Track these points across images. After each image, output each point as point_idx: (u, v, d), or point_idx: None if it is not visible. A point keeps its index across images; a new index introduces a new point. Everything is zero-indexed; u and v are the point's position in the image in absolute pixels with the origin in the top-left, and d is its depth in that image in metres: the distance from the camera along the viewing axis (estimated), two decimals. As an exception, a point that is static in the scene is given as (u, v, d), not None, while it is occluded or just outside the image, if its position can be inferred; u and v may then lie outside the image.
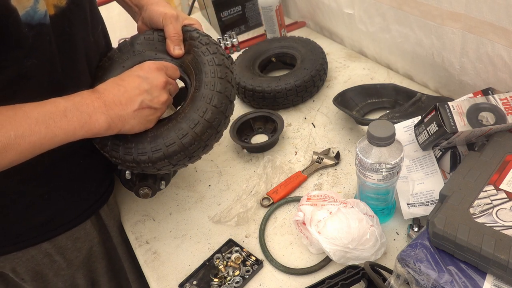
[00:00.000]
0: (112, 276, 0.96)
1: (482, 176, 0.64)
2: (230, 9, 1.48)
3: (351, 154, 0.95)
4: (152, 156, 0.68)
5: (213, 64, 0.71)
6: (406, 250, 0.62)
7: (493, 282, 0.56)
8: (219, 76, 0.70)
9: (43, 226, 0.77)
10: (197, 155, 0.71)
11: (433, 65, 0.99)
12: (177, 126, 0.68)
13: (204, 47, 0.73)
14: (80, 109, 0.60)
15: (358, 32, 1.19)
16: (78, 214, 0.81)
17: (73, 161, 0.77)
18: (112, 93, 0.64)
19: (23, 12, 0.58)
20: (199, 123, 0.67)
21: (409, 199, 0.75)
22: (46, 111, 0.57)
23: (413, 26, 0.97)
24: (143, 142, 0.68)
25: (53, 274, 0.84)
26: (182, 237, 0.85)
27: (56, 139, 0.58)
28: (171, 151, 0.67)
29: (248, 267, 0.75)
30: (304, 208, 0.73)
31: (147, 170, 0.71)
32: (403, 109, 1.00)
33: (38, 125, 0.55)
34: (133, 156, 0.68)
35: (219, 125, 0.69)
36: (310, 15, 1.43)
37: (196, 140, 0.68)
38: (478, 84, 0.89)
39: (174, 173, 0.91)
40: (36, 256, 0.79)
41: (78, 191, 0.80)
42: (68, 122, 0.58)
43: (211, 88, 0.69)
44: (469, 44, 0.86)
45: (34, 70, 0.63)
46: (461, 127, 0.66)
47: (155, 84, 0.67)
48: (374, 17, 1.08)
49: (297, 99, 1.11)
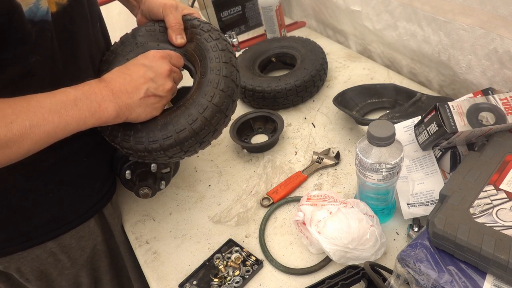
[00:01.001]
0: (115, 275, 0.96)
1: (482, 176, 0.64)
2: (230, 9, 1.48)
3: (351, 154, 0.95)
4: (163, 143, 0.68)
5: (217, 50, 0.72)
6: (406, 250, 0.62)
7: (493, 282, 0.56)
8: (224, 61, 0.71)
9: (48, 225, 0.78)
10: (207, 140, 0.71)
11: (439, 63, 0.99)
12: (186, 112, 0.69)
13: (206, 33, 0.74)
14: (89, 98, 0.61)
15: (364, 29, 1.19)
16: (82, 212, 0.81)
17: (76, 159, 0.77)
18: (118, 82, 0.65)
19: (26, 8, 0.58)
20: (208, 108, 0.68)
21: (409, 199, 0.75)
22: (58, 100, 0.58)
23: (421, 23, 0.98)
24: (153, 130, 0.69)
25: (57, 274, 0.84)
26: (182, 237, 0.85)
27: (68, 128, 0.59)
28: (182, 137, 0.68)
29: (248, 267, 0.75)
30: (304, 208, 0.73)
31: (159, 158, 0.71)
32: (403, 109, 1.00)
33: (51, 114, 0.57)
34: (144, 145, 0.69)
35: (227, 109, 0.70)
36: (314, 12, 1.43)
37: (206, 125, 0.68)
38: (482, 83, 0.90)
39: (174, 173, 0.91)
40: (41, 255, 0.80)
41: (82, 190, 0.80)
42: (79, 111, 0.59)
43: (217, 73, 0.70)
44: (478, 40, 0.86)
45: (38, 66, 0.63)
46: (461, 127, 0.66)
47: (160, 72, 0.68)
48: (382, 14, 1.09)
49: (297, 99, 1.11)
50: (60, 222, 0.79)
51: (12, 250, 0.77)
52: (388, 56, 1.18)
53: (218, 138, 1.07)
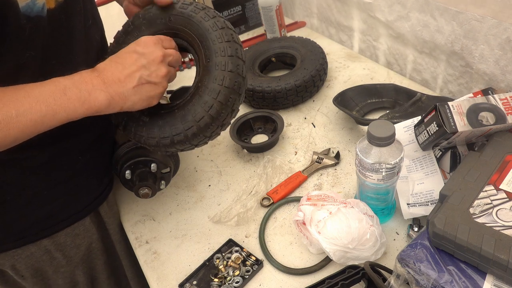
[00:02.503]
0: (111, 273, 0.96)
1: (482, 176, 0.64)
2: (230, 9, 1.48)
3: (351, 154, 0.95)
4: (187, 134, 0.70)
5: (217, 29, 0.71)
6: (406, 250, 0.62)
7: (493, 282, 0.56)
8: (226, 40, 0.70)
9: (43, 223, 0.78)
10: (227, 122, 0.73)
11: (451, 54, 1.00)
12: (201, 100, 0.69)
13: (202, 12, 0.72)
14: (79, 87, 0.61)
15: (374, 22, 1.20)
16: (78, 210, 0.82)
17: (71, 156, 0.77)
18: (110, 71, 0.65)
19: (23, 4, 0.59)
20: (221, 92, 0.69)
21: (409, 199, 0.75)
22: (47, 89, 0.59)
23: (434, 13, 0.99)
24: (175, 124, 0.70)
25: (53, 271, 0.84)
26: (182, 237, 0.85)
27: (57, 117, 0.59)
28: (203, 125, 0.70)
29: (248, 267, 0.75)
30: (304, 208, 0.73)
31: (185, 148, 0.74)
32: (403, 109, 1.00)
33: (39, 103, 0.57)
34: (169, 139, 0.71)
35: (239, 88, 0.71)
36: (319, 10, 1.43)
37: (223, 108, 0.70)
38: (495, 72, 0.91)
39: (174, 173, 0.91)
40: (36, 253, 0.80)
41: (77, 188, 0.80)
42: (68, 100, 0.59)
43: (222, 55, 0.70)
44: (491, 30, 0.87)
45: (31, 62, 0.64)
46: (461, 127, 0.66)
47: (152, 59, 0.67)
48: (394, 5, 1.10)
49: (297, 99, 1.11)
50: (55, 220, 0.79)
51: (7, 247, 0.77)
52: (394, 52, 1.18)
53: (218, 138, 1.07)
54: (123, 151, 0.83)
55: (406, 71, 1.18)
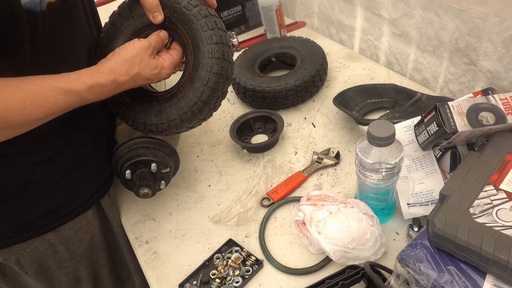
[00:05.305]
0: (113, 267, 0.97)
1: (482, 176, 0.64)
2: (230, 9, 1.48)
3: (351, 154, 0.95)
4: (183, 118, 0.77)
5: (200, 18, 0.74)
6: (406, 250, 0.62)
7: (493, 282, 0.56)
8: (211, 28, 0.74)
9: (48, 216, 0.79)
10: (219, 104, 0.79)
11: (455, 51, 1.01)
12: (192, 88, 0.75)
13: (194, 9, 0.74)
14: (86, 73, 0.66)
15: (378, 20, 1.20)
16: (80, 203, 0.82)
17: (75, 150, 0.78)
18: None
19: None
20: (210, 79, 0.74)
21: (409, 199, 0.75)
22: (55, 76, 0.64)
23: (438, 11, 1.00)
24: (171, 111, 0.77)
25: (56, 266, 0.85)
26: (182, 237, 0.85)
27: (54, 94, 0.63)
28: (196, 110, 0.76)
29: (248, 267, 0.75)
30: (304, 208, 0.73)
31: (182, 130, 0.81)
32: (403, 109, 1.00)
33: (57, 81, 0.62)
34: (166, 124, 0.78)
35: (227, 72, 0.76)
36: (320, 9, 1.43)
37: (214, 93, 0.75)
38: (498, 69, 0.92)
39: (174, 173, 0.91)
40: (40, 247, 0.80)
41: (80, 181, 0.81)
42: (79, 76, 0.65)
43: (208, 42, 0.74)
44: (493, 28, 0.88)
45: (33, 57, 0.64)
46: (461, 127, 0.66)
47: (143, 67, 0.71)
48: (398, 3, 1.11)
49: (297, 99, 1.11)
50: (59, 213, 0.80)
51: (12, 241, 0.78)
52: (395, 51, 1.18)
53: (218, 138, 1.07)
54: (123, 151, 0.83)
55: (407, 71, 1.18)
